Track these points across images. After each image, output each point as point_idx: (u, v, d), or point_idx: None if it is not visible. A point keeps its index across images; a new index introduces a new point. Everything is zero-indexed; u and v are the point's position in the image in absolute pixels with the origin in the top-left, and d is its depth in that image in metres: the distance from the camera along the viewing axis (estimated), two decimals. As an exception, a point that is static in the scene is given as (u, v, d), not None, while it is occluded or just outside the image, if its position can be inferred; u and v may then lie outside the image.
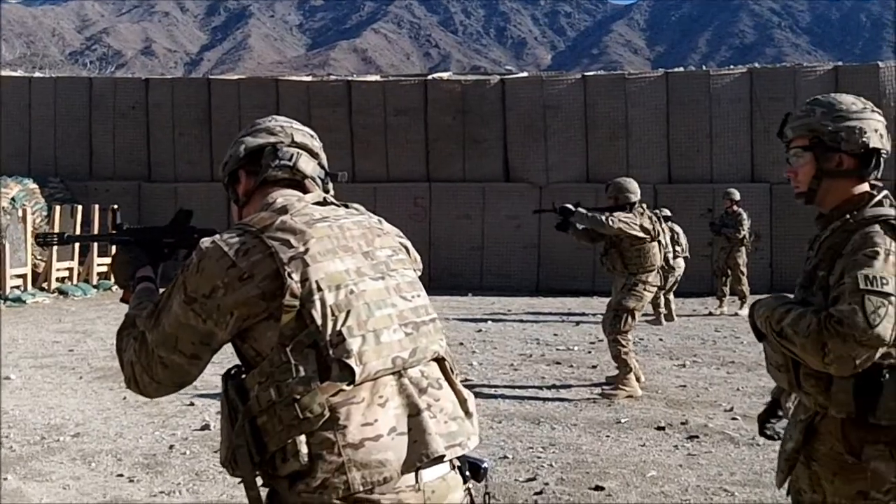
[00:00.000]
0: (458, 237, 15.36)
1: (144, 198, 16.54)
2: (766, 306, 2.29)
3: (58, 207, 14.27)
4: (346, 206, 2.03)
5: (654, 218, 7.22)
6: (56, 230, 13.55)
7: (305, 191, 2.04)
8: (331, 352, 1.76)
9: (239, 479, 1.85)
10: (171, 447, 5.56)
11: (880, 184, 2.37)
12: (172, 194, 15.61)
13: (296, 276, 1.78)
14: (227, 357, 1.90)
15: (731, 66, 17.94)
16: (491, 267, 15.25)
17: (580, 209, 7.01)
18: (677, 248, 10.91)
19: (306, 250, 1.82)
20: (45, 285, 13.65)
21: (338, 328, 1.78)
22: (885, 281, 2.10)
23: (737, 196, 12.09)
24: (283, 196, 1.98)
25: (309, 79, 19.69)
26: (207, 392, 7.06)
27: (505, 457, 5.29)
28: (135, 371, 1.92)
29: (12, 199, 15.16)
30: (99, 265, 14.65)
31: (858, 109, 2.33)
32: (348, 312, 1.80)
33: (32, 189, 15.79)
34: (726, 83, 15.43)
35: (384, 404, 1.79)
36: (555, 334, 10.16)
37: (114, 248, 2.38)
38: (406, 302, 1.91)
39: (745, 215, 12.01)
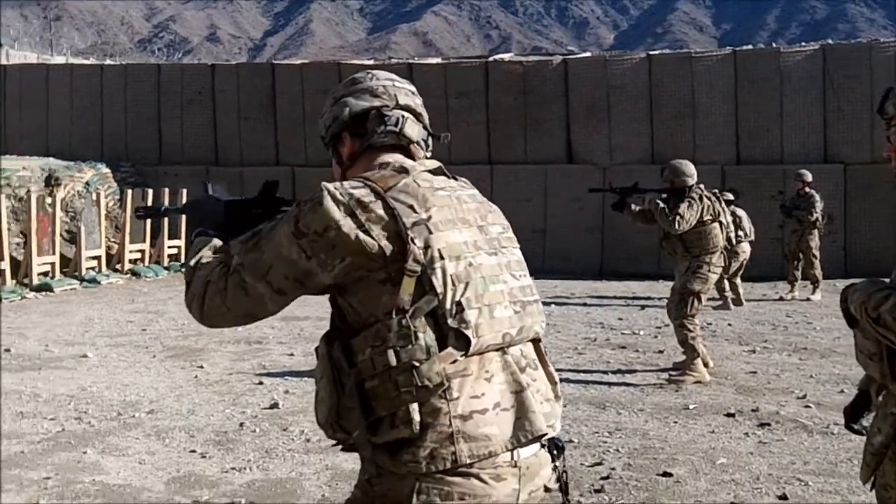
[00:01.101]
0: (519, 220, 15.06)
1: (211, 181, 16.74)
2: (863, 291, 2.19)
3: (129, 191, 14.57)
4: (456, 179, 2.00)
5: (714, 197, 7.05)
6: (128, 214, 13.87)
7: (411, 155, 2.00)
8: (449, 321, 1.75)
9: (336, 442, 1.85)
10: (241, 424, 5.66)
11: None
12: (238, 178, 15.79)
13: (419, 242, 1.77)
14: (293, 338, 1.89)
15: (802, 44, 17.42)
16: (553, 250, 15.11)
17: (649, 195, 6.91)
18: (740, 232, 10.62)
19: (429, 217, 1.81)
20: (118, 267, 13.96)
21: (457, 298, 1.77)
22: None
23: (809, 177, 11.76)
24: (397, 158, 1.95)
25: (370, 62, 19.76)
26: (276, 371, 7.18)
27: (570, 441, 5.24)
28: (207, 291, 1.86)
29: (86, 183, 15.55)
30: (169, 247, 14.94)
31: None
32: (467, 284, 1.79)
33: (105, 173, 16.16)
34: (797, 61, 14.98)
35: (490, 379, 1.79)
36: (619, 318, 10.04)
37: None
38: (515, 280, 1.91)
39: (817, 197, 11.67)
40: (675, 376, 6.80)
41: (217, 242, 2.01)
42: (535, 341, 1.94)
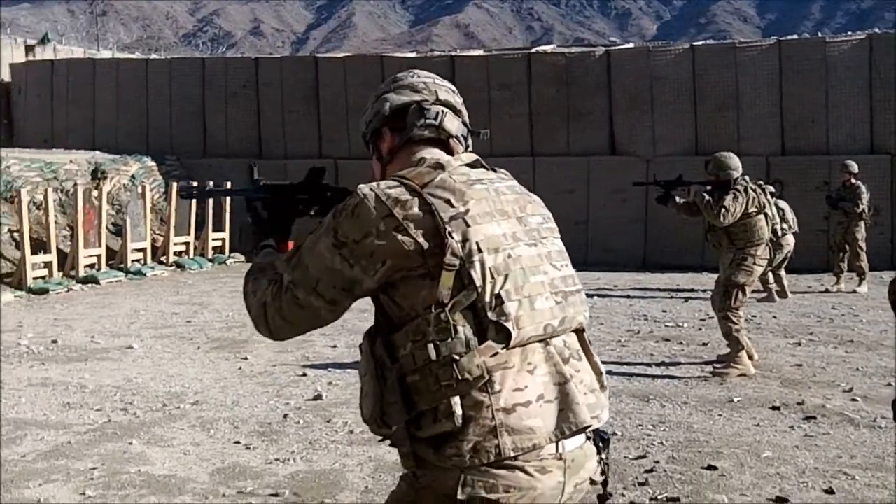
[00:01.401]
0: (562, 212, 14.92)
1: (259, 174, 16.89)
2: None
3: (174, 184, 14.74)
4: (494, 170, 2.00)
5: (759, 189, 6.96)
6: (173, 206, 14.04)
7: (450, 150, 2.01)
8: (489, 314, 1.75)
9: (381, 438, 1.86)
10: (285, 416, 5.70)
11: None
12: (282, 170, 15.90)
13: (457, 236, 1.77)
14: (336, 330, 1.90)
15: (848, 33, 17.08)
16: (596, 242, 15.02)
17: (693, 188, 6.83)
18: (784, 225, 10.46)
19: (466, 211, 1.81)
20: (163, 259, 14.15)
21: (496, 291, 1.77)
22: None
23: (855, 168, 11.55)
24: (435, 154, 1.96)
25: (413, 55, 19.75)
26: (319, 363, 7.23)
27: (614, 433, 5.21)
28: (267, 312, 1.91)
29: (132, 176, 15.77)
30: (214, 240, 15.09)
31: None
32: (506, 276, 1.79)
33: (150, 167, 16.37)
34: (843, 50, 14.70)
35: (532, 371, 1.78)
36: (663, 311, 9.95)
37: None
38: (556, 270, 1.90)
39: (863, 188, 11.45)
40: (719, 369, 6.73)
41: (263, 261, 2.06)
42: (579, 331, 1.93)
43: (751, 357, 6.80)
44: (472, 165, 1.95)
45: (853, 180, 11.46)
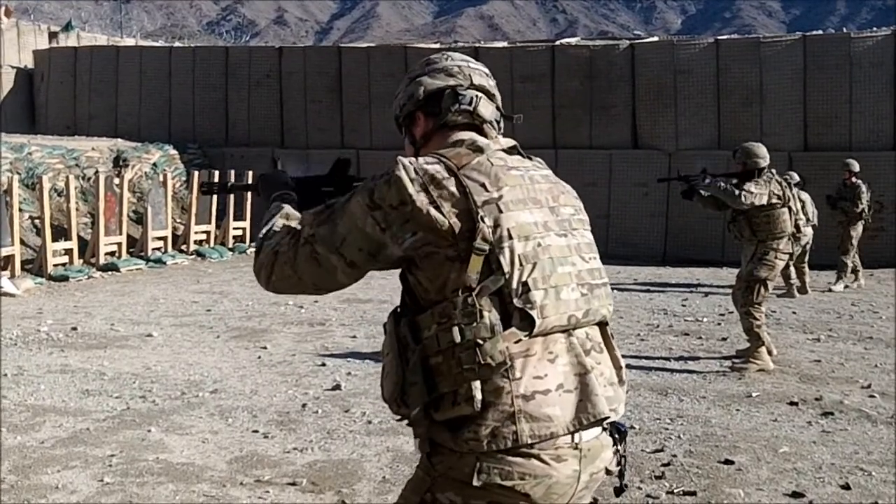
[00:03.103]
0: (584, 205, 15.07)
1: (281, 159, 16.98)
2: None
3: (196, 172, 14.82)
4: (530, 158, 2.00)
5: (784, 183, 6.93)
6: (194, 195, 14.13)
7: (484, 135, 1.99)
8: (515, 301, 1.76)
9: (400, 417, 1.86)
10: (303, 405, 5.74)
11: None
12: (304, 160, 15.97)
13: (488, 221, 1.77)
14: (356, 320, 1.91)
15: (873, 29, 16.91)
16: (617, 235, 14.99)
17: (717, 179, 6.80)
18: (803, 216, 10.38)
19: (500, 196, 1.81)
20: (183, 247, 14.24)
21: (524, 278, 1.77)
22: None
23: (856, 167, 11.41)
24: (472, 137, 1.95)
25: (436, 46, 19.72)
26: (338, 353, 7.26)
27: (632, 426, 5.21)
28: (277, 259, 1.90)
29: (154, 164, 15.88)
30: (234, 229, 15.18)
31: None
32: (534, 265, 1.79)
33: (172, 155, 16.47)
34: (868, 46, 14.56)
35: (554, 360, 1.79)
36: (683, 305, 9.92)
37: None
38: (584, 262, 1.90)
39: (864, 188, 11.32)
40: (738, 364, 6.71)
41: (290, 210, 2.06)
42: (602, 325, 1.93)
43: (770, 352, 6.78)
44: (509, 151, 1.95)
45: (853, 179, 11.33)
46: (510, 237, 1.78)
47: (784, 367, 6.77)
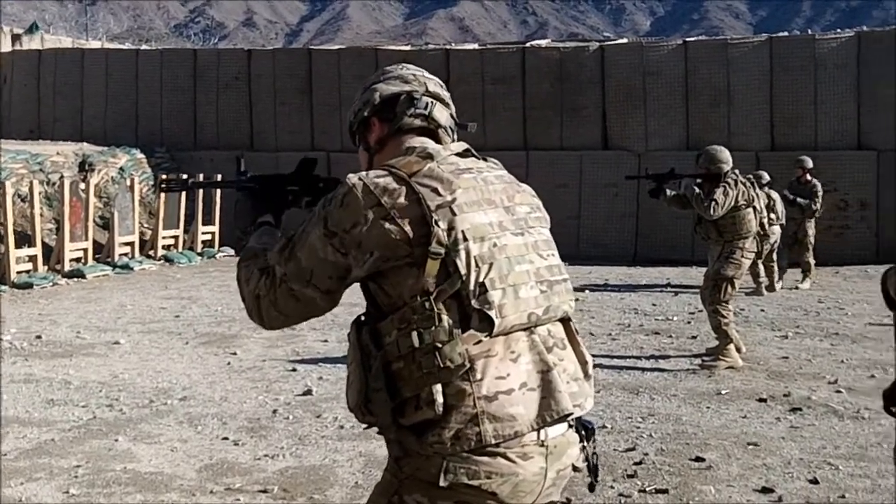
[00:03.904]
0: (554, 206, 14.84)
1: (247, 167, 16.85)
2: None
3: (163, 176, 14.66)
4: (485, 160, 2.02)
5: (749, 183, 7.03)
6: (162, 199, 14.00)
7: (439, 140, 2.02)
8: (473, 302, 1.78)
9: (366, 426, 1.88)
10: (274, 412, 5.70)
11: None
12: (274, 163, 15.88)
13: (443, 225, 1.79)
14: (327, 324, 1.91)
15: (838, 31, 17.15)
16: (588, 236, 15.06)
17: (688, 182, 6.90)
18: (772, 215, 10.47)
19: (453, 200, 1.83)
20: (151, 253, 14.10)
21: (481, 279, 1.79)
22: None
23: (809, 164, 11.50)
24: (424, 143, 1.97)
25: (407, 48, 19.72)
26: (309, 358, 7.23)
27: (604, 426, 5.24)
28: (260, 304, 1.93)
29: (120, 168, 15.71)
30: (203, 233, 15.05)
31: None
32: (491, 265, 1.81)
33: (139, 159, 16.31)
34: (832, 47, 14.75)
35: (516, 359, 1.81)
36: (653, 304, 9.99)
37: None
38: (542, 260, 1.92)
39: (819, 186, 11.44)
40: (707, 361, 6.78)
41: (266, 240, 2.07)
42: (565, 320, 1.95)
43: (739, 350, 6.86)
44: (462, 154, 1.97)
45: (808, 176, 11.44)
46: (465, 239, 1.80)
47: (753, 364, 6.84)
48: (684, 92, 15.24)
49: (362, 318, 1.89)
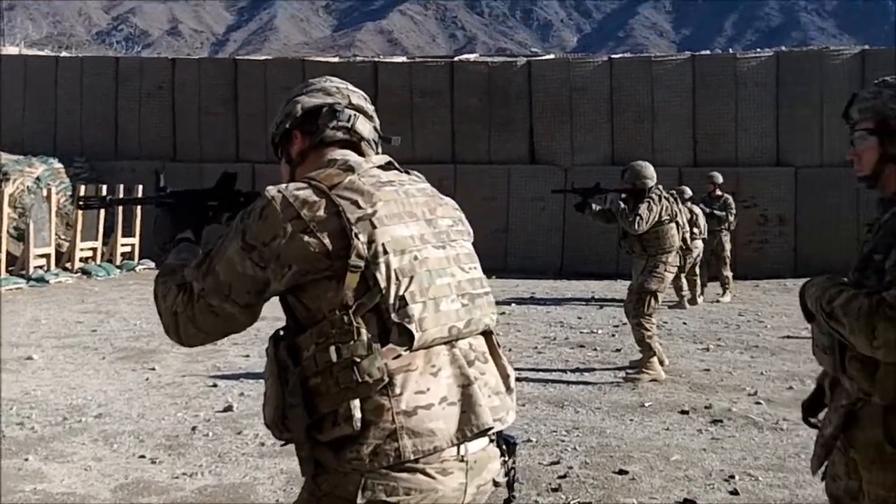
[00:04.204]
0: (482, 219, 15.18)
1: (169, 178, 16.45)
2: (818, 286, 2.23)
3: (82, 187, 14.29)
4: (408, 173, 2.01)
5: (672, 198, 7.18)
6: (80, 210, 13.62)
7: (361, 153, 2.02)
8: (392, 315, 1.77)
9: (283, 442, 1.86)
10: (193, 428, 5.56)
11: None
12: (198, 174, 15.60)
13: (362, 238, 1.78)
14: (249, 339, 1.86)
15: (758, 50, 17.70)
16: (515, 249, 15.17)
17: (613, 197, 7.01)
18: (695, 229, 10.73)
19: (374, 212, 1.82)
20: (68, 265, 13.70)
21: (401, 293, 1.78)
22: None
23: (719, 179, 11.91)
24: (346, 156, 1.96)
25: (336, 59, 19.63)
26: (230, 373, 7.09)
27: (529, 440, 5.24)
28: (178, 321, 1.90)
29: (37, 178, 15.23)
30: (123, 245, 14.70)
31: None
32: (411, 278, 1.80)
33: (57, 169, 15.84)
34: (752, 66, 15.20)
35: (437, 373, 1.80)
36: (579, 317, 10.09)
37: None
38: (464, 273, 1.92)
39: (731, 199, 11.80)
40: (631, 374, 6.86)
41: (184, 257, 2.03)
42: (487, 334, 1.94)
43: (662, 362, 6.96)
44: (383, 167, 1.96)
45: (718, 191, 11.77)
46: (385, 252, 1.79)
47: (675, 377, 6.95)
48: (610, 108, 15.50)
49: (280, 332, 1.86)
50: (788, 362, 7.55)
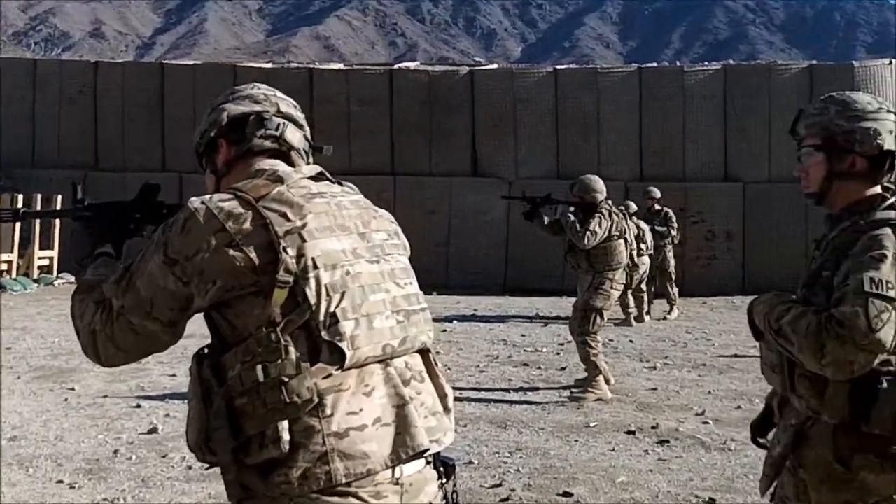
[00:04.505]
0: (423, 233, 15.28)
1: (91, 187, 16.17)
2: (766, 303, 2.28)
3: (-3, 197, 13.97)
4: (340, 184, 2.01)
5: (620, 215, 7.31)
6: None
7: (291, 163, 2.01)
8: (323, 333, 1.75)
9: (208, 466, 1.84)
10: (115, 452, 5.46)
11: (893, 186, 2.35)
12: (121, 183, 15.36)
13: (291, 252, 1.76)
14: (175, 357, 1.84)
15: (706, 63, 18.14)
16: (457, 264, 15.22)
17: (564, 210, 7.09)
18: (642, 245, 10.90)
19: (303, 225, 1.80)
20: (-18, 279, 13.37)
21: (332, 309, 1.77)
22: (890, 286, 2.08)
23: (657, 194, 12.11)
24: (275, 166, 1.95)
25: (269, 66, 19.53)
26: (155, 393, 6.97)
27: (471, 462, 5.25)
28: (97, 340, 1.87)
29: (-52, 186, 14.86)
30: (40, 258, 14.39)
31: (874, 109, 2.30)
32: (343, 294, 1.79)
33: (-30, 177, 15.48)
34: (700, 79, 15.56)
35: (370, 393, 1.79)
36: (522, 335, 10.16)
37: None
38: (399, 289, 1.91)
39: (671, 213, 12.04)
40: (576, 393, 6.92)
41: (92, 278, 2.00)
42: (424, 352, 1.95)
43: (607, 381, 7.03)
44: (314, 178, 1.96)
45: (657, 206, 12.01)
46: (316, 266, 1.78)
47: (621, 396, 7.03)
48: (555, 119, 15.70)
49: (205, 350, 1.85)
50: (736, 381, 7.69)
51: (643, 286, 11.25)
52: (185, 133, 15.81)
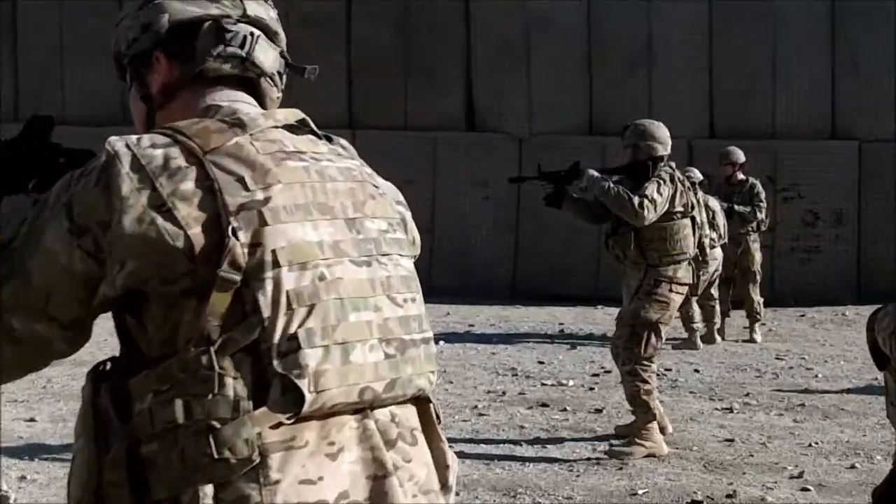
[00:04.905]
0: (394, 215, 15.29)
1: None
2: (894, 316, 2.24)
3: None
4: (329, 139, 1.98)
5: (688, 184, 7.21)
6: None
7: (261, 97, 1.99)
8: (275, 363, 1.71)
9: None
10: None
11: None
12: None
13: (243, 237, 1.72)
14: (34, 392, 1.78)
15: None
16: (443, 259, 15.14)
17: (605, 180, 6.90)
18: (713, 233, 10.49)
19: (267, 199, 1.76)
20: None
21: (292, 329, 1.72)
22: None
23: (741, 157, 11.88)
24: (235, 102, 1.93)
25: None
26: (8, 445, 6.94)
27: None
28: None
29: None
30: None
31: None
32: (311, 308, 1.75)
33: None
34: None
35: (336, 455, 1.76)
36: (539, 362, 10.17)
37: None
38: (395, 307, 1.88)
39: (760, 187, 11.84)
40: (618, 447, 6.89)
41: None
42: (420, 401, 1.92)
43: (662, 430, 7.00)
44: (293, 129, 1.93)
45: (740, 175, 11.86)
46: (276, 263, 1.74)
47: (683, 451, 7.02)
48: (586, 51, 15.67)
49: (106, 365, 1.82)
50: (849, 429, 7.68)
51: (714, 291, 11.20)
52: (48, 70, 15.83)
